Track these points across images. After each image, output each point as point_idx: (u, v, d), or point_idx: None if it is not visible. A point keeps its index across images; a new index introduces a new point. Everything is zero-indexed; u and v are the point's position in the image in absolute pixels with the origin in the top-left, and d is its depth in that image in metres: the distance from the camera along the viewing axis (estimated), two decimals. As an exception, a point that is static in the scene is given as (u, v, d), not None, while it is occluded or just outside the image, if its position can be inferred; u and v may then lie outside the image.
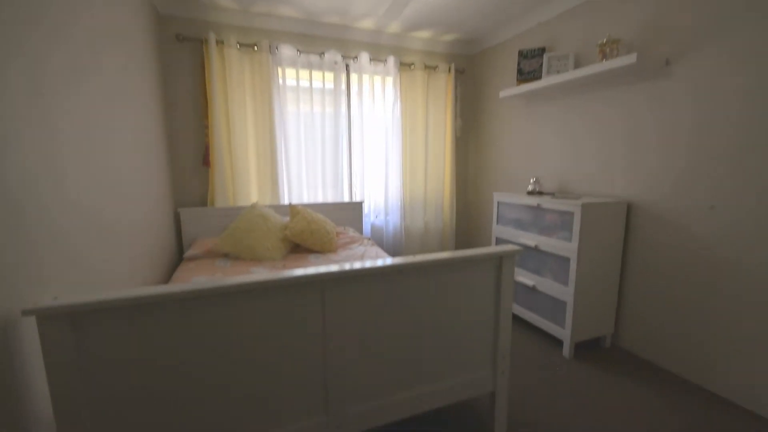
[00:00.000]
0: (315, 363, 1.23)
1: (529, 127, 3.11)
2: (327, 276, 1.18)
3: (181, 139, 2.88)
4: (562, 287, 2.26)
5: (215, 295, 1.06)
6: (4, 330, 0.97)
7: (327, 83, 3.20)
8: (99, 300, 0.92)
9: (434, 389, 1.43)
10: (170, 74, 2.79)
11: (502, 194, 2.81)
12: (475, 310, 1.46)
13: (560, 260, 2.27)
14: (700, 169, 1.94)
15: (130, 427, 1.02)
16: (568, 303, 2.23)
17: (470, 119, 3.84)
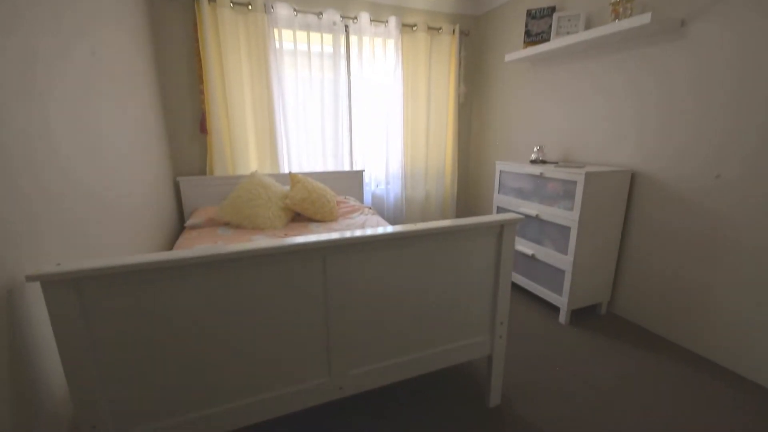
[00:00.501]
0: (318, 328, 1.25)
1: (534, 93, 3.01)
2: (327, 244, 1.18)
3: (178, 105, 2.81)
4: (561, 256, 2.28)
5: (217, 262, 1.06)
6: (11, 295, 0.98)
7: (326, 46, 3.07)
8: (102, 266, 0.93)
9: (433, 353, 1.47)
10: (162, 37, 2.67)
11: (504, 163, 2.77)
12: (475, 278, 1.48)
13: (561, 229, 2.28)
14: (707, 136, 1.89)
15: (139, 387, 1.06)
16: (566, 271, 2.25)
17: (474, 85, 3.72)
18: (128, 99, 2.03)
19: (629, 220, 2.31)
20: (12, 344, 0.98)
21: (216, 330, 1.11)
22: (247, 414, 1.21)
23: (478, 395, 1.70)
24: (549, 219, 2.35)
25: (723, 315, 1.89)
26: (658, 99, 2.11)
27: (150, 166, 2.32)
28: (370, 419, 1.55)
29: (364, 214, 2.87)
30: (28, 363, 1.03)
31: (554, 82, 2.80)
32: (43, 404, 1.09)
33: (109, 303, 0.98)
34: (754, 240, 1.75)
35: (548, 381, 1.79)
